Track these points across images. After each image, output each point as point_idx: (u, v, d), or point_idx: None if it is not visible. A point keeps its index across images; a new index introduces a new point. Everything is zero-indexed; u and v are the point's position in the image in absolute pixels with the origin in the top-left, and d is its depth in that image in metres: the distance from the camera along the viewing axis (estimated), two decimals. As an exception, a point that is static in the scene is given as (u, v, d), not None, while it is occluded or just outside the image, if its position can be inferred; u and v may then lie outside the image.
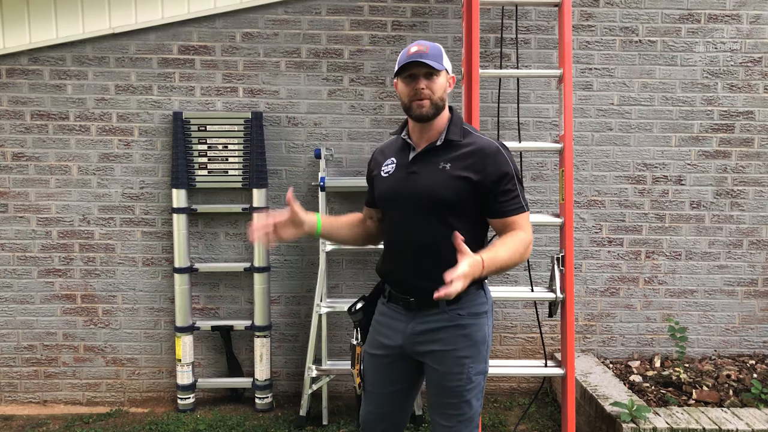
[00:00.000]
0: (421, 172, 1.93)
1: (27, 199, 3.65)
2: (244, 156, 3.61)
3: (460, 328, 1.94)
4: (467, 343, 1.94)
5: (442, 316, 1.94)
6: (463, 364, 1.93)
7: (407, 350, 2.00)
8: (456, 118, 1.97)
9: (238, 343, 3.78)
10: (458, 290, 1.59)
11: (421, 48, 1.88)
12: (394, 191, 1.98)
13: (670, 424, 2.77)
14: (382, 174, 2.03)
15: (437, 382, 1.97)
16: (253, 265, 3.62)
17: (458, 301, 1.93)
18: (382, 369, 2.07)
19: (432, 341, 1.95)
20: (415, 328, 1.97)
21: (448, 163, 1.90)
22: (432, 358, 1.96)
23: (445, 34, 3.66)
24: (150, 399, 3.77)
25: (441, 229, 1.86)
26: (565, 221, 2.97)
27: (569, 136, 2.97)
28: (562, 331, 2.97)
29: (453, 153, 1.91)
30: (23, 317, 3.70)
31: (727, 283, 3.81)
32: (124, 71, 3.63)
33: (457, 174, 1.88)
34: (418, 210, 1.91)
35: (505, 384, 3.85)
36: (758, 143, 3.76)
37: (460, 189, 1.88)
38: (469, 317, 1.96)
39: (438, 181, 1.89)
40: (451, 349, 1.93)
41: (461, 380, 1.93)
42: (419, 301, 1.95)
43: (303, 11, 3.64)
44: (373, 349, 2.08)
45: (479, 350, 1.96)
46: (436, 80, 1.89)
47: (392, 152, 2.05)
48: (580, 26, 3.68)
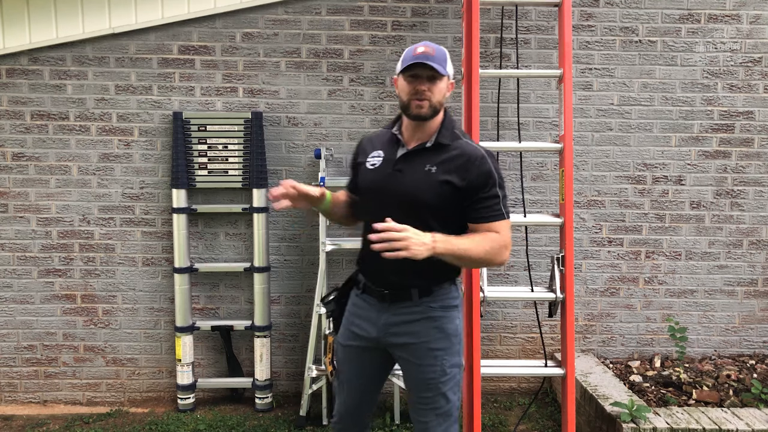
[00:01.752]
0: (406, 172, 1.96)
1: (27, 199, 3.65)
2: (244, 156, 3.61)
3: (432, 320, 1.99)
4: (440, 335, 1.99)
5: (414, 309, 1.99)
6: (437, 356, 1.98)
7: (381, 342, 2.04)
8: (448, 122, 2.00)
9: (238, 343, 3.78)
10: (391, 236, 1.68)
11: (428, 50, 1.89)
12: (377, 185, 2.00)
13: (670, 424, 2.77)
14: (367, 165, 2.06)
15: (413, 375, 2.01)
16: (253, 265, 3.62)
17: (431, 294, 1.99)
18: (354, 360, 2.11)
19: (405, 333, 2.00)
20: (389, 319, 2.01)
21: (435, 167, 1.93)
22: (406, 350, 2.01)
23: (445, 34, 3.66)
24: (150, 399, 3.77)
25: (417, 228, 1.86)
26: (565, 221, 2.97)
27: (569, 136, 2.97)
28: (562, 331, 2.97)
29: (440, 156, 1.94)
30: (23, 317, 3.70)
31: (727, 283, 3.81)
32: (124, 71, 3.63)
33: (442, 178, 1.91)
34: (398, 208, 1.91)
35: (505, 384, 3.85)
36: (758, 143, 3.76)
37: (442, 193, 1.91)
38: (441, 310, 2.00)
39: (421, 184, 1.92)
40: (424, 341, 1.98)
41: (435, 372, 1.98)
42: (393, 294, 2.00)
43: (303, 11, 3.64)
44: (347, 341, 2.12)
45: (452, 342, 2.01)
46: (438, 84, 1.91)
47: (381, 144, 2.07)
48: (580, 26, 3.68)
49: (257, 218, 3.60)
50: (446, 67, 1.92)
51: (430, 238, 1.77)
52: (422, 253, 1.73)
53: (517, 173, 3.68)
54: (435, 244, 1.77)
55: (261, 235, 3.60)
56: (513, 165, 3.72)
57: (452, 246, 1.81)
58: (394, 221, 1.83)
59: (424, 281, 1.98)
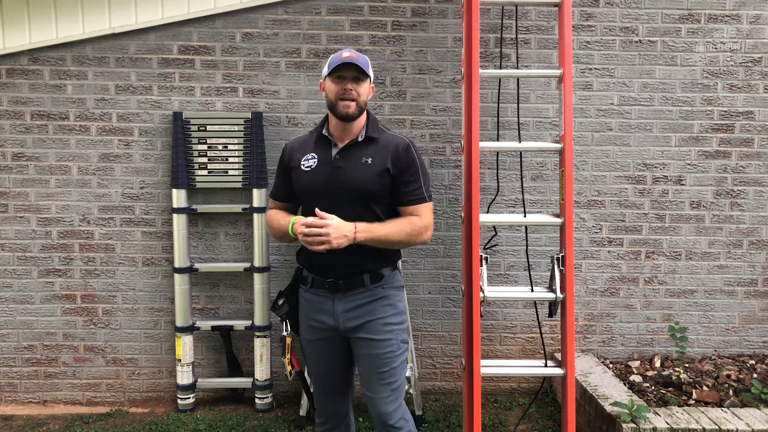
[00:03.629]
0: (346, 167, 2.15)
1: (27, 199, 3.65)
2: (244, 156, 3.61)
3: (385, 298, 2.20)
4: (393, 312, 2.21)
5: (366, 293, 2.18)
6: (392, 330, 2.19)
7: (339, 329, 2.20)
8: (372, 119, 2.23)
9: (238, 343, 3.78)
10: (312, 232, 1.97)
11: (352, 54, 2.14)
12: (321, 184, 2.16)
13: (670, 424, 2.77)
14: (302, 168, 2.21)
15: (369, 352, 2.17)
16: (253, 265, 3.62)
17: (380, 279, 2.19)
18: (321, 353, 2.26)
19: (361, 315, 2.17)
20: (344, 306, 2.17)
21: (369, 158, 2.15)
22: (363, 329, 2.17)
23: (445, 34, 3.66)
24: (150, 399, 3.77)
25: (366, 217, 2.10)
26: (565, 221, 2.96)
27: (569, 136, 2.97)
28: (562, 331, 2.97)
29: (372, 148, 2.17)
30: (23, 317, 3.70)
31: (727, 283, 3.81)
32: (124, 71, 3.63)
33: (377, 167, 2.13)
34: (344, 201, 2.11)
35: (505, 384, 3.85)
36: (758, 143, 3.76)
37: (381, 181, 2.13)
38: (391, 289, 2.22)
39: (362, 175, 2.13)
40: (380, 317, 2.17)
41: (392, 345, 2.18)
42: (347, 283, 2.16)
43: (303, 11, 3.64)
44: (309, 335, 2.27)
45: (402, 319, 2.26)
46: (363, 85, 2.15)
47: (310, 148, 2.24)
48: (580, 26, 3.68)
49: (257, 218, 3.60)
50: (368, 70, 2.16)
51: (350, 228, 2.01)
52: (343, 243, 1.98)
53: (517, 173, 3.68)
54: (356, 234, 2.02)
55: (261, 235, 3.60)
56: (513, 165, 3.72)
57: (373, 233, 2.06)
58: (348, 216, 2.05)
59: (374, 265, 2.17)
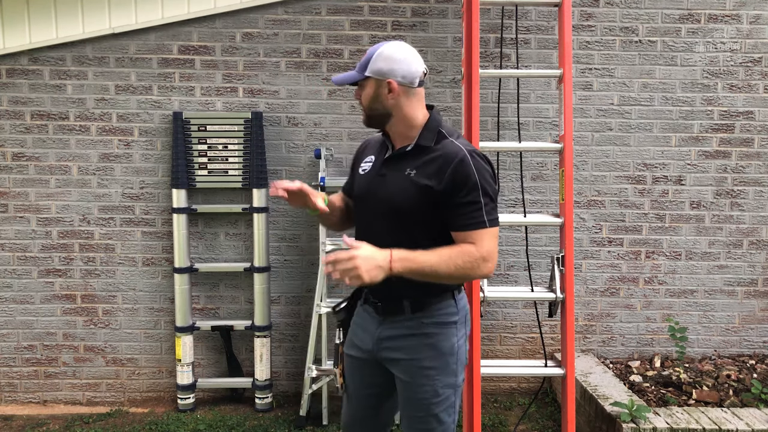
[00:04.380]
0: (388, 177, 1.88)
1: (27, 199, 3.65)
2: (244, 156, 3.61)
3: (425, 336, 1.87)
4: (432, 354, 1.86)
5: (407, 323, 1.88)
6: (429, 375, 1.86)
7: (376, 355, 1.95)
8: (432, 122, 1.88)
9: (238, 343, 3.78)
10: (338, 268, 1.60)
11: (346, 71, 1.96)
12: (365, 192, 1.95)
13: (670, 424, 2.77)
14: (360, 171, 2.01)
15: (404, 393, 1.91)
16: (253, 265, 3.62)
17: (423, 308, 1.86)
18: (356, 371, 2.03)
19: (397, 349, 1.89)
20: (383, 333, 1.92)
21: (414, 170, 1.82)
22: (398, 367, 1.91)
23: (445, 34, 3.66)
24: (150, 399, 3.77)
25: (401, 237, 1.80)
26: (565, 221, 2.97)
27: (569, 136, 2.97)
28: (562, 331, 2.97)
29: (421, 159, 1.83)
30: (23, 317, 3.70)
31: (727, 283, 3.81)
32: (124, 71, 3.63)
33: (419, 182, 1.80)
34: (380, 215, 1.87)
35: (505, 384, 3.85)
36: (758, 143, 3.76)
37: (421, 199, 1.79)
38: (434, 326, 1.87)
39: (401, 190, 1.83)
40: (415, 359, 1.87)
41: (427, 392, 1.86)
42: (385, 307, 1.91)
43: (303, 11, 3.64)
44: (349, 350, 2.05)
45: (447, 362, 1.87)
46: (365, 90, 1.86)
47: (374, 149, 2.02)
48: (580, 26, 3.68)
49: (257, 218, 3.60)
50: (365, 70, 1.84)
51: (385, 257, 1.66)
52: (377, 276, 1.64)
53: (517, 173, 3.68)
54: (392, 263, 1.66)
55: (261, 235, 3.60)
56: (513, 165, 3.72)
57: (414, 264, 1.69)
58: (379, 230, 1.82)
59: (417, 292, 1.84)
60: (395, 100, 1.84)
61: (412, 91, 1.85)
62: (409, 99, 1.85)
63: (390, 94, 1.83)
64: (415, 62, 1.84)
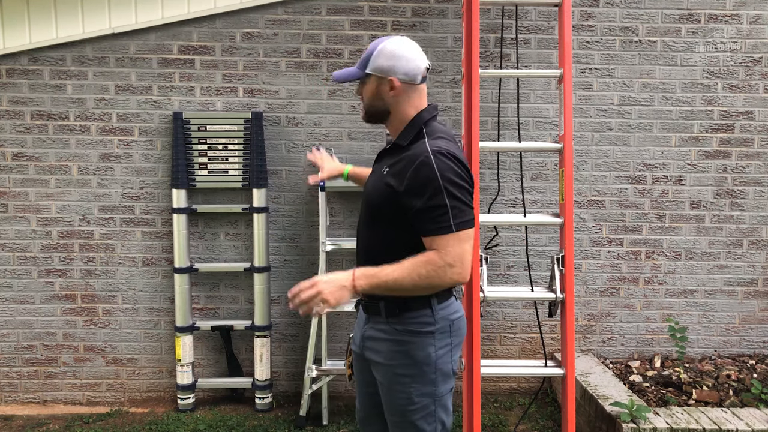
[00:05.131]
0: (373, 174, 1.91)
1: (27, 199, 3.65)
2: (244, 156, 3.61)
3: (398, 343, 1.81)
4: (406, 362, 1.80)
5: (383, 327, 1.84)
6: (403, 382, 1.80)
7: (363, 354, 1.93)
8: (415, 121, 1.82)
9: (238, 343, 3.78)
10: (302, 298, 1.63)
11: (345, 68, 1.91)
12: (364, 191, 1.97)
13: (670, 424, 2.77)
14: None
15: (383, 396, 1.89)
16: (253, 265, 3.62)
17: (397, 315, 1.80)
18: (358, 366, 2.02)
19: (376, 351, 1.86)
20: (367, 332, 1.90)
21: (387, 168, 1.80)
22: (377, 369, 1.88)
23: (445, 34, 3.66)
24: (150, 399, 3.77)
25: (379, 237, 1.80)
26: (565, 221, 2.97)
27: (569, 136, 2.97)
28: (562, 331, 2.97)
29: (394, 158, 1.80)
30: (23, 317, 3.70)
31: (727, 283, 3.81)
32: (124, 71, 3.63)
33: (386, 181, 1.76)
34: (363, 214, 1.90)
35: (505, 384, 3.85)
36: (758, 143, 3.76)
37: (387, 198, 1.76)
38: (407, 334, 1.80)
39: (375, 187, 1.83)
40: (390, 365, 1.82)
41: (401, 399, 1.81)
42: (366, 306, 1.90)
43: (303, 11, 3.64)
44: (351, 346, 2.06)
45: (422, 371, 1.79)
46: (366, 86, 1.85)
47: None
48: (580, 26, 3.68)
49: (257, 218, 3.60)
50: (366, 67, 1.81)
51: (347, 276, 1.65)
52: (343, 297, 1.63)
53: (517, 173, 3.68)
54: (354, 281, 1.65)
55: (261, 235, 3.60)
56: (513, 165, 3.72)
57: (377, 279, 1.66)
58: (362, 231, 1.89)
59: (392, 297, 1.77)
60: (396, 97, 1.81)
61: (414, 88, 1.83)
62: (409, 96, 1.82)
63: (391, 91, 1.80)
64: (417, 58, 1.81)
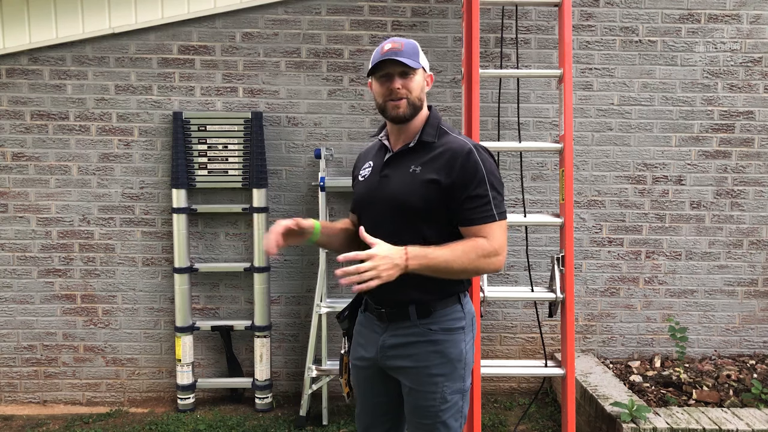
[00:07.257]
0: (392, 176, 1.83)
1: (27, 199, 3.65)
2: (244, 156, 3.61)
3: (432, 344, 1.81)
4: (440, 361, 1.81)
5: (413, 330, 1.82)
6: (437, 382, 1.80)
7: (380, 364, 1.89)
8: (433, 118, 1.86)
9: (238, 343, 3.78)
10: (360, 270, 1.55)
11: (396, 45, 1.76)
12: (367, 196, 1.89)
13: (670, 424, 2.77)
14: (359, 178, 1.96)
15: (411, 400, 1.85)
16: (253, 265, 3.62)
17: (430, 314, 1.81)
18: (362, 380, 1.98)
19: (403, 356, 1.84)
20: (387, 341, 1.86)
21: (419, 167, 1.78)
22: (404, 375, 1.85)
23: (445, 34, 3.66)
24: (150, 399, 3.77)
25: (409, 238, 1.73)
26: (565, 221, 2.97)
27: (569, 136, 2.97)
28: (562, 331, 2.97)
29: (425, 156, 1.79)
30: (23, 317, 3.70)
31: (727, 283, 3.81)
32: (124, 71, 3.63)
33: (426, 178, 1.75)
34: (386, 216, 1.81)
35: (505, 384, 3.85)
36: (758, 143, 3.76)
37: (428, 194, 1.75)
38: (442, 333, 1.82)
39: (406, 186, 1.78)
40: (423, 366, 1.81)
41: (435, 399, 1.80)
42: (390, 313, 1.85)
43: (303, 11, 3.64)
44: (354, 360, 2.00)
45: (455, 368, 1.82)
46: (413, 79, 1.79)
47: (371, 155, 1.98)
48: (580, 26, 3.68)
49: (257, 218, 3.60)
50: (418, 59, 1.79)
51: (401, 254, 1.62)
52: (394, 275, 1.61)
53: (517, 173, 3.68)
54: (407, 261, 1.63)
55: (261, 235, 3.60)
56: (513, 165, 3.72)
57: (428, 260, 1.66)
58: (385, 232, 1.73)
59: (423, 296, 1.80)
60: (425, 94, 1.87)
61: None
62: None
63: (427, 87, 1.87)
64: None
